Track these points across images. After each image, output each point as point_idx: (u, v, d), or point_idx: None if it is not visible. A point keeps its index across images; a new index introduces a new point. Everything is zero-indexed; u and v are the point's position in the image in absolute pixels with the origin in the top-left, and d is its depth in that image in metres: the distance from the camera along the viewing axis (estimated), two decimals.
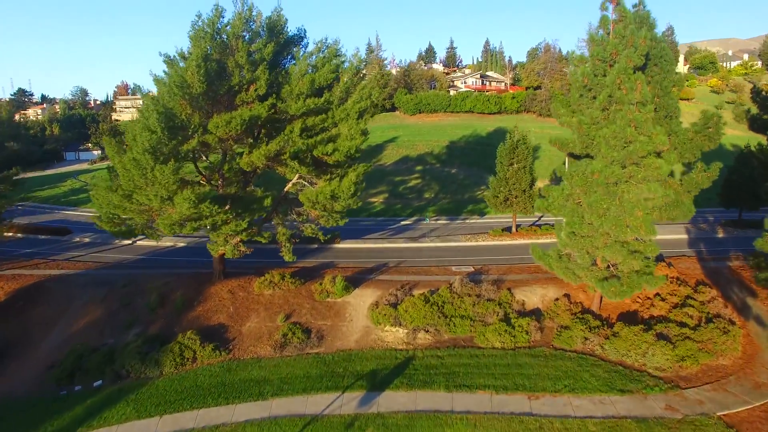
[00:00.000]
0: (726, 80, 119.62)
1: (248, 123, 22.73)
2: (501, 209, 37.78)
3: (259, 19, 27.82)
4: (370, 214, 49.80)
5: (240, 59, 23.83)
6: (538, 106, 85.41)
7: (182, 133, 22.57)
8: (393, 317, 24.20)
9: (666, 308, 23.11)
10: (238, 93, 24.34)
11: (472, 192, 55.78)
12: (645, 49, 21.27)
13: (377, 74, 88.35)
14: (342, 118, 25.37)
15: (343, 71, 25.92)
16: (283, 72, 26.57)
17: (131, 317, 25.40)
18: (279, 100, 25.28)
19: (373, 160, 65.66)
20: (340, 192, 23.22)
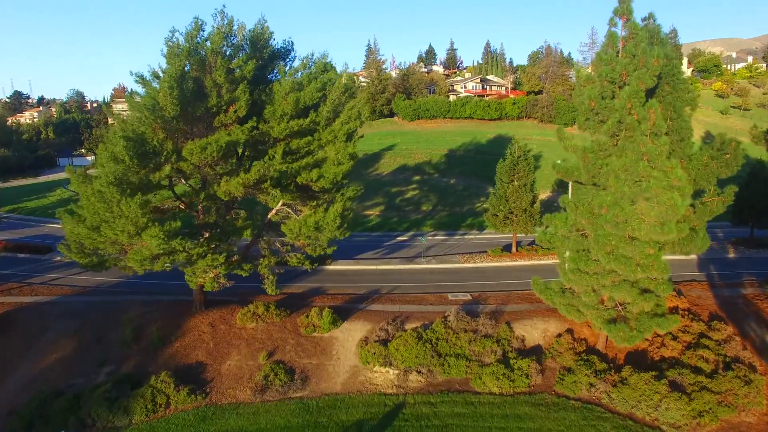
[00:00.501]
0: (730, 84, 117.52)
1: (225, 149, 21.01)
2: (500, 228, 36.05)
3: (241, 32, 26.14)
4: (365, 229, 48.06)
5: (218, 78, 22.14)
6: (540, 112, 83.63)
7: (154, 160, 20.87)
8: (383, 356, 22.47)
9: (678, 349, 21.34)
10: (216, 114, 22.65)
11: (471, 204, 54.02)
12: (658, 69, 19.47)
13: (375, 79, 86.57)
14: (329, 141, 23.66)
15: (331, 89, 24.18)
16: (267, 89, 24.87)
17: (104, 354, 23.70)
18: (261, 121, 23.61)
19: (370, 169, 64.03)
20: (324, 224, 21.49)
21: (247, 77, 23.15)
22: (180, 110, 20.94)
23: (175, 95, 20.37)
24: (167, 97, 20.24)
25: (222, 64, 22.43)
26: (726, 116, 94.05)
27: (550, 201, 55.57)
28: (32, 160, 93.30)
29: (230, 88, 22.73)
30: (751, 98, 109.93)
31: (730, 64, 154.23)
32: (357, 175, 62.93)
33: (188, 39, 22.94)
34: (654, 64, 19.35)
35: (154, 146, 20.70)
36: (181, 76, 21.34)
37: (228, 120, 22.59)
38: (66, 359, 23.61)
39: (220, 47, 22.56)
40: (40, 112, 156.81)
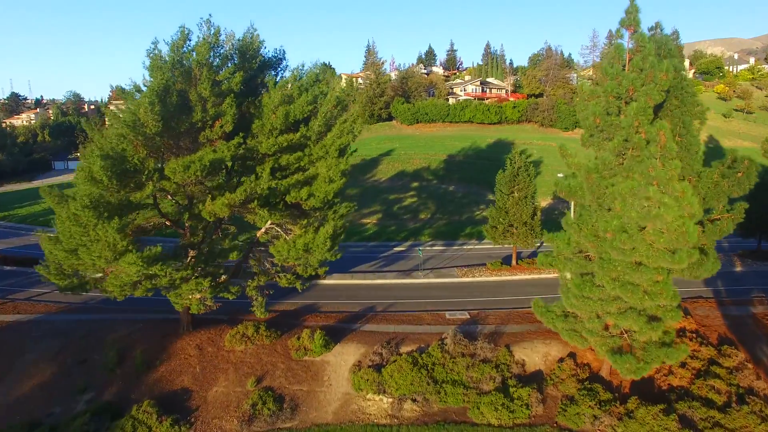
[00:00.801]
0: (733, 86, 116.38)
1: (210, 167, 19.95)
2: (500, 241, 34.99)
3: (230, 41, 25.11)
4: (362, 238, 47.01)
5: (203, 91, 21.08)
6: (540, 116, 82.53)
7: (135, 179, 19.83)
8: (377, 383, 21.42)
9: (687, 377, 20.28)
10: (201, 130, 21.58)
11: (470, 212, 52.97)
12: (666, 83, 18.43)
13: (373, 82, 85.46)
14: (320, 156, 22.60)
15: (323, 101, 23.12)
16: (256, 102, 23.85)
17: (85, 379, 22.62)
18: (250, 135, 22.56)
19: (368, 175, 63.00)
20: (314, 246, 20.43)
21: (235, 90, 22.12)
22: (162, 126, 19.88)
23: (157, 111, 19.33)
24: (148, 113, 19.19)
25: (208, 77, 21.41)
26: (729, 120, 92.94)
27: (551, 208, 54.56)
28: (26, 164, 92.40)
29: (216, 101, 21.70)
30: (753, 101, 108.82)
31: (732, 65, 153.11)
32: (354, 181, 61.93)
33: (173, 49, 21.91)
34: (662, 79, 18.31)
35: (135, 164, 19.65)
36: (165, 90, 20.29)
37: (214, 135, 21.52)
38: (46, 385, 22.54)
39: (206, 58, 21.48)
40: (37, 114, 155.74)
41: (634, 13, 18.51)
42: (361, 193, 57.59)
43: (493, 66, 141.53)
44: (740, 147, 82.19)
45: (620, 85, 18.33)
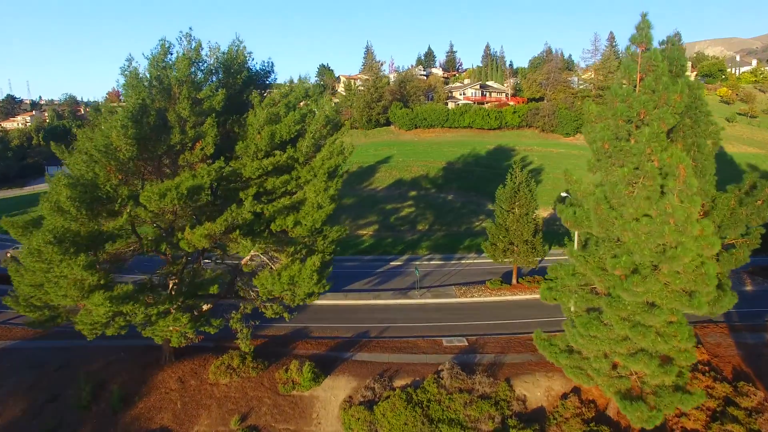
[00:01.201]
0: (736, 89, 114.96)
1: (188, 195, 18.51)
2: (500, 259, 33.56)
3: (214, 54, 23.72)
4: (358, 251, 45.58)
5: (183, 111, 19.70)
6: (541, 121, 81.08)
7: (107, 207, 18.43)
8: (368, 422, 20.02)
9: (702, 420, 18.87)
10: (181, 152, 20.18)
11: (469, 223, 51.54)
12: (681, 106, 17.02)
13: (371, 87, 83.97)
14: (308, 180, 21.18)
15: (311, 120, 21.72)
16: (241, 119, 22.45)
17: (57, 418, 21.19)
18: (233, 158, 21.16)
19: (364, 183, 61.59)
20: (300, 280, 19.00)
21: (217, 109, 20.73)
22: (137, 150, 18.51)
23: (131, 134, 17.94)
24: (121, 136, 17.80)
25: (188, 95, 20.03)
26: (732, 124, 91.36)
27: (552, 219, 53.14)
28: (19, 169, 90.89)
29: (198, 121, 20.31)
30: (757, 104, 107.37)
31: (735, 67, 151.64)
32: (350, 189, 60.56)
33: (152, 65, 20.56)
34: (677, 101, 16.90)
35: (108, 191, 18.24)
36: (141, 109, 18.90)
37: (194, 158, 20.12)
38: (13, 424, 21.11)
39: (186, 75, 20.08)
40: (33, 117, 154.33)
41: (646, 29, 17.07)
42: (357, 202, 56.17)
43: (493, 68, 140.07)
44: (745, 153, 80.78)
45: (631, 107, 16.90)
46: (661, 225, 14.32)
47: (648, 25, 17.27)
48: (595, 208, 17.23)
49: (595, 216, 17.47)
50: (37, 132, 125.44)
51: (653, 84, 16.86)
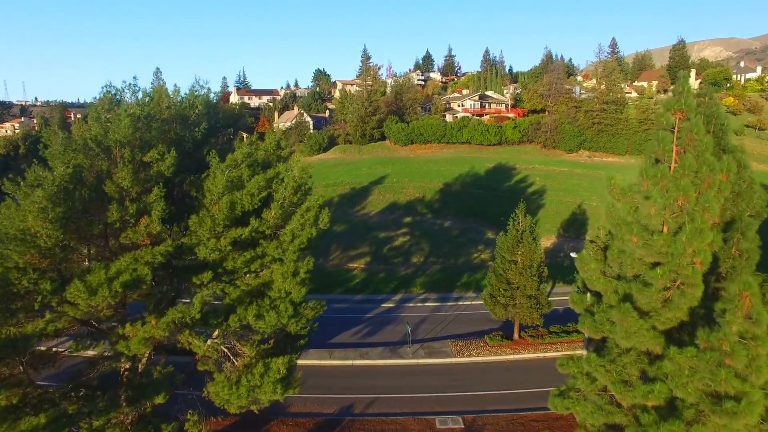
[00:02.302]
0: (742, 99, 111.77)
1: (125, 290, 15.27)
2: (500, 315, 30.32)
3: (172, 99, 20.55)
4: (347, 290, 42.31)
5: (123, 181, 16.39)
6: (543, 137, 77.84)
7: (25, 307, 15.13)
8: None
9: None
10: (122, 230, 16.89)
11: (467, 254, 48.31)
12: (728, 188, 13.90)
13: (365, 101, 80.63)
14: (276, 258, 17.91)
15: (278, 186, 18.46)
16: (198, 180, 19.17)
17: None
18: (186, 234, 17.89)
19: (357, 207, 58.35)
20: (261, 393, 15.75)
21: (166, 175, 17.46)
22: (63, 234, 15.22)
23: (55, 216, 14.66)
24: (39, 221, 14.51)
25: (130, 158, 16.77)
26: (741, 138, 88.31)
27: (556, 249, 49.98)
28: None
29: (142, 189, 17.03)
30: (764, 115, 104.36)
31: (739, 74, 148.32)
32: (342, 214, 57.35)
33: (93, 118, 17.42)
34: (723, 182, 13.76)
35: (25, 287, 14.95)
36: (75, 178, 15.68)
37: (138, 237, 16.80)
38: None
39: (126, 137, 16.80)
40: (21, 123, 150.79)
41: (687, 94, 13.83)
42: (349, 229, 52.92)
43: (492, 74, 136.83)
44: (756, 170, 77.24)
45: (666, 194, 13.68)
46: (713, 363, 11.08)
47: (689, 89, 14.05)
48: (621, 320, 13.95)
49: (621, 328, 14.20)
50: (24, 140, 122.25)
51: (694, 164, 13.64)
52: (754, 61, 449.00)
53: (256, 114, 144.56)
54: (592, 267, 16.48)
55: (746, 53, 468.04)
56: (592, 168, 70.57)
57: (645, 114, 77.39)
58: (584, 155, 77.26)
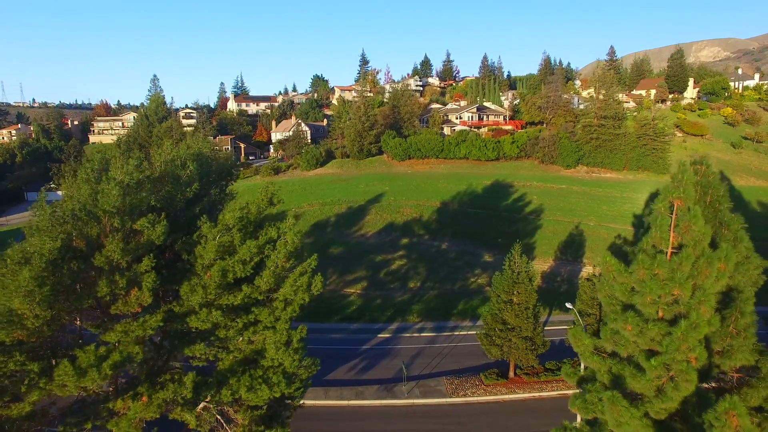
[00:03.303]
0: (740, 109, 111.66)
1: (115, 370, 15.08)
2: (496, 355, 30.15)
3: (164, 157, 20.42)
4: (344, 318, 42.12)
5: (113, 254, 16.19)
6: (541, 152, 77.62)
7: (11, 389, 14.94)
8: None
9: None
10: (112, 302, 16.70)
11: (464, 278, 48.12)
12: (726, 276, 13.79)
13: (362, 115, 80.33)
14: (268, 326, 17.73)
15: (271, 251, 18.26)
16: (191, 241, 18.99)
17: None
18: (177, 302, 17.71)
19: (354, 228, 58.16)
20: None
21: (157, 243, 17.27)
22: (51, 314, 15.05)
23: (42, 298, 14.46)
24: (25, 303, 14.33)
25: (120, 225, 16.60)
26: (738, 151, 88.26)
27: (553, 274, 49.80)
28: None
29: (132, 261, 16.84)
30: (762, 126, 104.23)
31: (737, 81, 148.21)
32: (339, 235, 57.18)
33: (84, 182, 17.24)
34: (721, 270, 13.66)
35: (12, 370, 14.76)
36: (61, 253, 15.51)
37: (128, 309, 16.62)
38: None
39: (115, 206, 16.60)
40: (18, 130, 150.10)
41: (687, 185, 13.67)
42: (345, 252, 52.72)
43: (491, 81, 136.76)
44: (753, 186, 77.43)
45: (663, 284, 13.52)
46: None
47: (689, 178, 13.88)
48: (611, 409, 13.80)
49: (611, 417, 14.05)
50: (21, 149, 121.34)
51: (691, 255, 13.49)
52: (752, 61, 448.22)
53: (254, 121, 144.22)
54: (585, 343, 16.30)
55: (744, 53, 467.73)
56: (591, 185, 70.41)
57: (643, 129, 77.20)
58: (582, 171, 77.08)
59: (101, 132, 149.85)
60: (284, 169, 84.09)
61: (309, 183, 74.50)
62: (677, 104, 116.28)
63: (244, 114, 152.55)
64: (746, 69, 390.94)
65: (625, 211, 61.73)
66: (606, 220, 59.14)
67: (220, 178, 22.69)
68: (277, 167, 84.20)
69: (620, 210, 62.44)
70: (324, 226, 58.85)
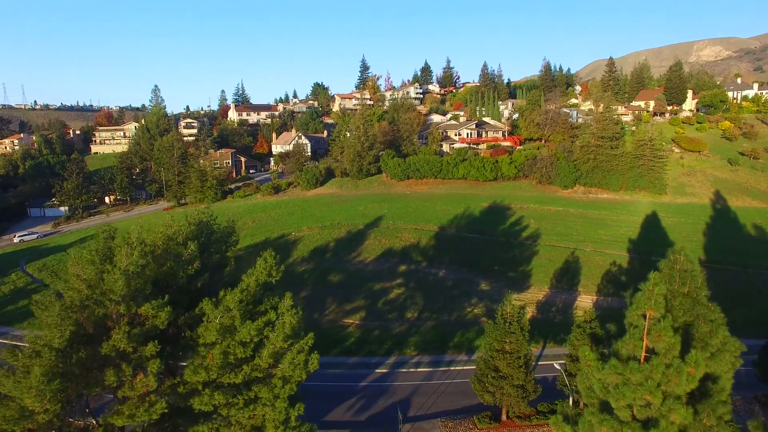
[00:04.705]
0: (738, 123, 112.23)
1: None
2: (488, 401, 31.00)
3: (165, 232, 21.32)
4: (342, 350, 43.02)
5: (119, 342, 17.13)
6: (538, 172, 78.45)
7: None
8: None
9: None
10: (119, 387, 17.63)
11: (460, 309, 49.01)
12: (695, 381, 14.67)
13: (362, 135, 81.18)
14: (266, 403, 18.63)
15: (270, 332, 19.16)
16: (194, 316, 19.92)
17: None
18: (181, 382, 18.64)
19: (353, 254, 59.11)
20: None
21: (160, 327, 18.18)
22: (61, 407, 15.97)
23: (52, 394, 15.39)
24: (36, 401, 15.24)
25: (126, 311, 17.54)
26: (735, 169, 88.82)
27: (548, 302, 50.65)
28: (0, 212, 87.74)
29: (137, 346, 17.74)
30: (759, 140, 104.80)
31: (736, 91, 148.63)
32: (338, 261, 58.08)
33: (89, 257, 18.17)
34: (691, 375, 14.55)
35: None
36: (70, 342, 16.44)
37: (135, 393, 17.56)
38: None
39: (120, 295, 17.51)
40: (21, 140, 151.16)
41: (658, 298, 14.56)
42: (344, 280, 53.63)
43: (490, 91, 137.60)
44: (749, 207, 77.98)
45: (636, 391, 14.41)
46: None
47: (659, 292, 14.77)
48: None
49: None
50: (24, 160, 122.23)
51: (663, 364, 14.40)
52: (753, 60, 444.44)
53: (255, 132, 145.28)
54: (566, 430, 17.19)
55: (746, 52, 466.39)
56: (587, 207, 71.23)
57: (640, 150, 77.98)
58: (579, 191, 77.91)
59: (103, 142, 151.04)
60: (284, 187, 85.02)
61: (309, 203, 75.40)
62: (675, 117, 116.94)
63: (245, 124, 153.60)
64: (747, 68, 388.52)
65: (621, 236, 62.53)
66: (602, 246, 59.94)
67: (218, 249, 23.53)
68: (277, 186, 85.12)
69: (616, 234, 63.23)
70: (323, 252, 59.76)
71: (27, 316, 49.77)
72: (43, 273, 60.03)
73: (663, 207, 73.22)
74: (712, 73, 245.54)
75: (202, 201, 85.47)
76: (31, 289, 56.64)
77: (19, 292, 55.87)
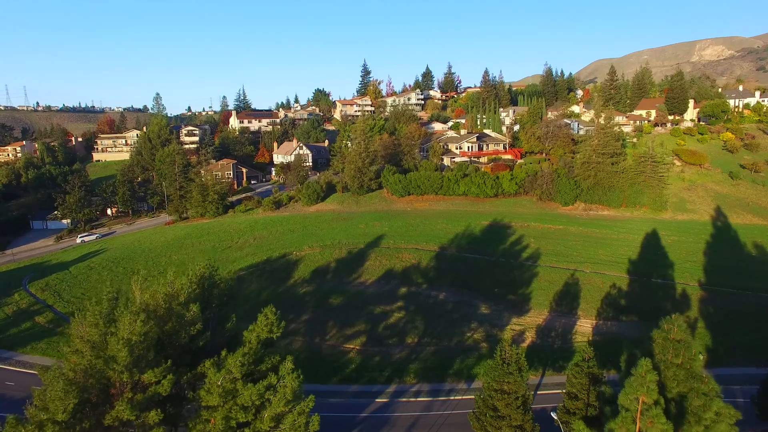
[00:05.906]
0: (739, 133, 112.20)
1: None
2: None
3: (167, 289, 21.61)
4: (343, 378, 43.35)
5: (123, 413, 17.45)
6: (539, 189, 78.61)
7: None
8: None
9: None
10: None
11: (460, 333, 49.27)
12: None
13: (362, 151, 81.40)
14: None
15: (272, 395, 19.47)
16: (196, 375, 20.27)
17: None
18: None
19: (353, 275, 59.42)
20: None
21: (163, 394, 18.51)
22: None
23: None
24: None
25: (129, 379, 17.86)
26: (736, 183, 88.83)
27: (548, 327, 50.86)
28: (2, 224, 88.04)
29: (140, 410, 18.07)
30: (761, 152, 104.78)
31: (737, 98, 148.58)
32: (338, 282, 58.39)
33: (93, 320, 18.52)
34: None
35: None
36: (74, 415, 16.77)
37: None
38: None
39: (124, 365, 17.86)
40: (23, 147, 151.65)
41: (650, 383, 14.82)
42: (345, 303, 53.94)
43: (491, 100, 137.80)
44: (750, 224, 77.96)
45: None
46: None
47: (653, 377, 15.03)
48: None
49: None
50: (26, 169, 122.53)
51: None
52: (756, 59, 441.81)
53: (256, 140, 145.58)
54: None
55: (749, 52, 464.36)
56: (588, 225, 71.37)
57: (642, 165, 78.12)
58: (580, 208, 78.07)
59: (105, 149, 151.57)
60: (285, 201, 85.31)
61: (310, 220, 75.71)
62: (677, 128, 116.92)
63: (246, 132, 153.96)
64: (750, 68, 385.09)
65: (621, 256, 62.69)
66: (601, 267, 60.12)
67: (220, 303, 23.85)
68: (278, 200, 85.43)
69: (616, 254, 63.40)
70: (324, 273, 60.06)
71: (30, 340, 50.23)
72: (46, 293, 60.44)
73: (663, 224, 73.33)
74: (715, 73, 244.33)
75: (204, 215, 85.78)
76: (34, 310, 57.03)
77: (21, 313, 56.24)
